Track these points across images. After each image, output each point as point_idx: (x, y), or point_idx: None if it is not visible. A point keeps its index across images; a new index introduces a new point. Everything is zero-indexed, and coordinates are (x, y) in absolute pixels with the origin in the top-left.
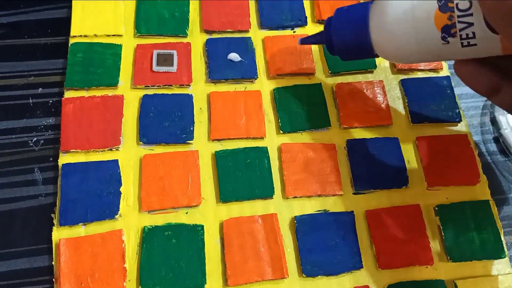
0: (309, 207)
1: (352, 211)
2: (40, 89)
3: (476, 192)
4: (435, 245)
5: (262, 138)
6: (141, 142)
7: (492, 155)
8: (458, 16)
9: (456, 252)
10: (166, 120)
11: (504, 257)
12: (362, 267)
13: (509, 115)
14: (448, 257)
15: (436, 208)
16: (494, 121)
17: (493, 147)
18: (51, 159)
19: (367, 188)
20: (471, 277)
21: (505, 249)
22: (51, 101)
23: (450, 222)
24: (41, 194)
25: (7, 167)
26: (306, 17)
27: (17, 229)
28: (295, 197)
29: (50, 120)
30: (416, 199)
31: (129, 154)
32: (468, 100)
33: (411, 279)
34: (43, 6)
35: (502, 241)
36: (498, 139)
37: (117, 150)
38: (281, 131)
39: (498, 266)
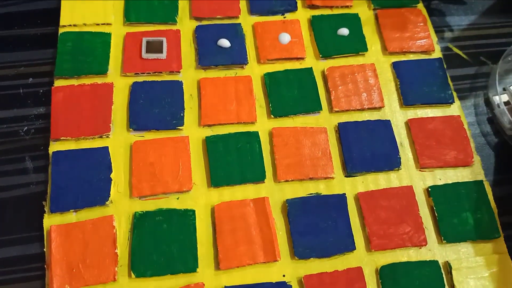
0: (301, 190)
1: (344, 193)
2: (31, 79)
3: (470, 172)
4: (428, 226)
5: (253, 123)
6: (131, 129)
7: (486, 136)
8: None
9: (450, 233)
10: (156, 107)
11: (499, 237)
12: (354, 249)
13: (502, 96)
14: (442, 238)
15: (429, 189)
16: (488, 102)
17: (487, 127)
18: (42, 147)
19: (359, 170)
20: (465, 257)
21: (500, 229)
22: (41, 90)
23: (443, 203)
24: (32, 182)
25: None
26: (296, 2)
27: (8, 217)
28: (287, 181)
29: (41, 109)
30: (408, 180)
31: (119, 140)
32: (461, 81)
33: (405, 260)
34: None
35: (496, 221)
36: (492, 120)
37: (107, 137)
38: (272, 116)
39: (493, 246)
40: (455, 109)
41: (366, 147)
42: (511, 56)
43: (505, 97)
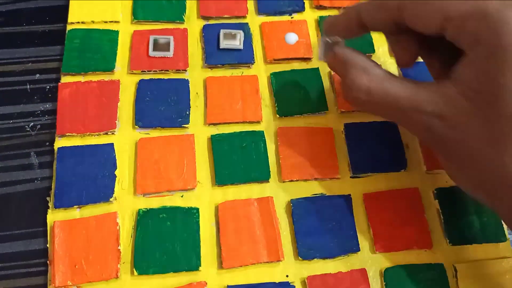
0: (306, 190)
1: (349, 194)
2: (38, 75)
3: None
4: (434, 229)
5: (258, 122)
6: (136, 126)
7: None
8: None
9: (455, 236)
10: (162, 105)
11: (505, 241)
12: (359, 250)
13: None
14: (448, 241)
15: (435, 191)
16: None
17: None
18: (48, 143)
19: (365, 172)
20: (471, 261)
21: (506, 233)
22: (48, 87)
23: (449, 205)
24: (37, 177)
25: (4, 151)
26: (303, 2)
27: (13, 212)
28: (292, 180)
29: (47, 105)
30: (414, 182)
31: (124, 137)
32: None
33: (410, 263)
34: None
35: (503, 224)
36: None
37: (112, 133)
38: (278, 116)
39: (499, 250)
40: None
41: (372, 148)
42: None
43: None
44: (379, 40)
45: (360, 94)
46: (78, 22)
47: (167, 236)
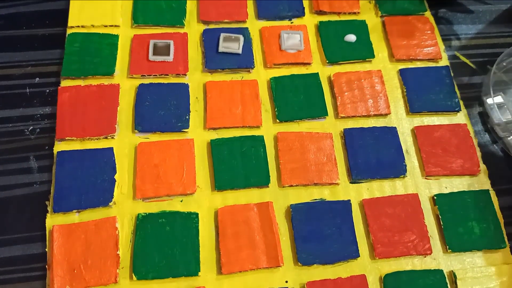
0: (305, 195)
1: (349, 200)
2: (37, 79)
3: (476, 181)
4: (434, 235)
5: (258, 127)
6: (136, 131)
7: (492, 145)
8: None
9: (455, 242)
10: (161, 109)
11: (505, 247)
12: (358, 256)
13: (496, 98)
14: (447, 247)
15: (435, 197)
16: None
17: (493, 136)
18: (47, 147)
19: (364, 177)
20: (470, 267)
21: (506, 239)
22: (47, 90)
23: (449, 212)
24: (36, 181)
25: (3, 155)
26: (303, 7)
27: (11, 216)
28: (291, 186)
29: (47, 109)
30: (414, 188)
31: (124, 142)
32: (468, 90)
33: (409, 269)
34: None
35: (502, 231)
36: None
37: (112, 138)
38: (278, 121)
39: (499, 256)
40: (461, 117)
41: (372, 153)
42: (506, 62)
43: (498, 99)
44: (379, 46)
45: None
46: (78, 26)
47: (166, 240)
